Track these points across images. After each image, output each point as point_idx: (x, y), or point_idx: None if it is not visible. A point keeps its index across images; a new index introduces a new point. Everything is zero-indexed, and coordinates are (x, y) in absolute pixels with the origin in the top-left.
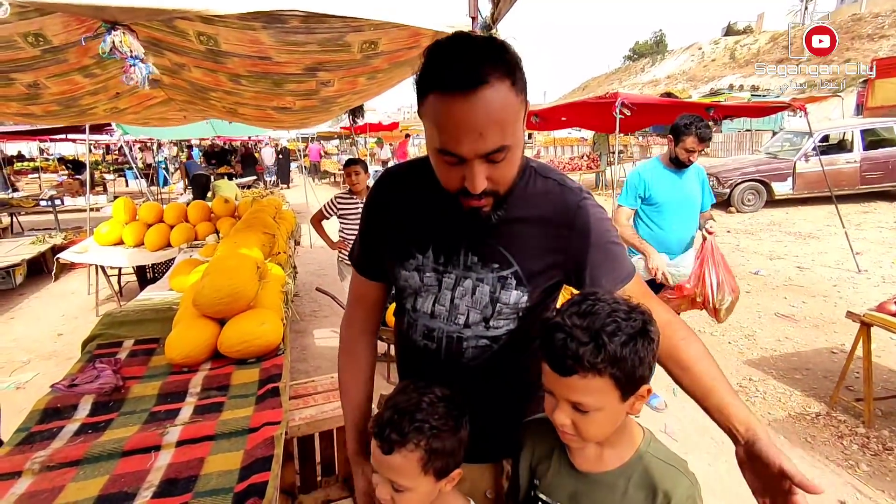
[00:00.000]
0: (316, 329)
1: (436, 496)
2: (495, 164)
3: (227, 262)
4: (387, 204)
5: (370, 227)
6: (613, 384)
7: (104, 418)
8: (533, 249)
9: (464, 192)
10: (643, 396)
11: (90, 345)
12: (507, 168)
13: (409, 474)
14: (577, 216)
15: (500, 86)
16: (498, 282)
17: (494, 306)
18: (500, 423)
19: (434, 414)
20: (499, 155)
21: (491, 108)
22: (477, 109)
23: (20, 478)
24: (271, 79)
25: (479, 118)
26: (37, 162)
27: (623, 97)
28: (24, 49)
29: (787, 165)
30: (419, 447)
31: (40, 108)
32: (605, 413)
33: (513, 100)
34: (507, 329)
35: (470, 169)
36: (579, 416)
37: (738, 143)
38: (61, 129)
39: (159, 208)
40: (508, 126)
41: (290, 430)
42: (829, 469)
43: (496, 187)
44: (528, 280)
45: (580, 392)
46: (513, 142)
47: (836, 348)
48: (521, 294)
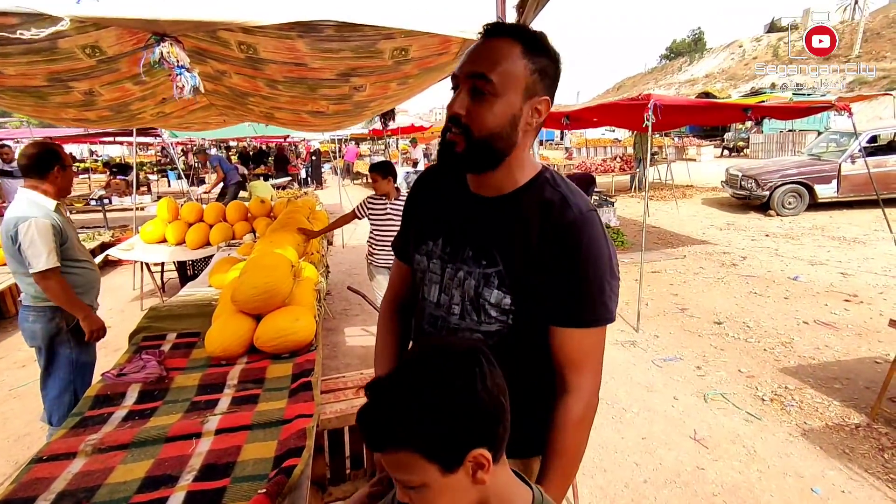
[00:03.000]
0: (347, 327)
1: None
2: (477, 98)
3: (264, 260)
4: (419, 194)
5: (406, 214)
6: (422, 457)
7: (150, 406)
8: (520, 254)
9: (447, 123)
10: (481, 464)
11: (136, 337)
12: (486, 109)
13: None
14: (568, 235)
15: (511, 44)
16: (482, 278)
17: (478, 301)
18: None
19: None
20: (482, 84)
21: (493, 49)
22: (485, 46)
23: (75, 458)
24: (306, 84)
25: (483, 50)
26: (87, 163)
27: (656, 99)
28: (81, 60)
29: (832, 167)
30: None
31: (94, 113)
32: (436, 491)
33: (517, 60)
34: (499, 328)
35: (458, 91)
36: (414, 493)
37: (779, 145)
38: (109, 132)
39: (200, 208)
40: (502, 72)
41: (321, 422)
42: (867, 482)
43: (469, 122)
44: (510, 282)
45: (397, 468)
46: (499, 86)
47: (879, 358)
48: (503, 295)
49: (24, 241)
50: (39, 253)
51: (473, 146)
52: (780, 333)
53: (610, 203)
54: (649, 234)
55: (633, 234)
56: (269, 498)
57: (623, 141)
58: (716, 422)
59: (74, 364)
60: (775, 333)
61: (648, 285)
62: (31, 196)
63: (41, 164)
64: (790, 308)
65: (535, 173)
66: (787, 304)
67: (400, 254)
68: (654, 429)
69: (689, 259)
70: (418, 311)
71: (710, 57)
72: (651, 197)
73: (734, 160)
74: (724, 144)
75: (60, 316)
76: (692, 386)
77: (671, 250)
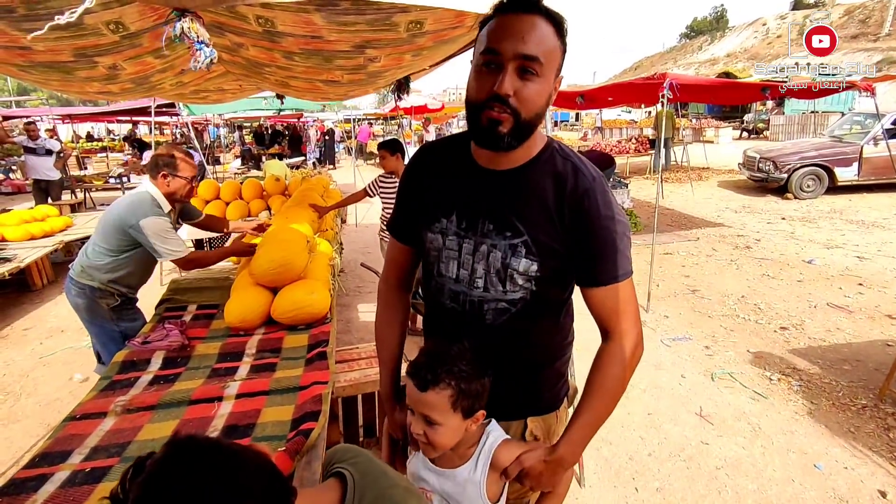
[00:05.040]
0: (360, 304)
1: (463, 434)
2: (525, 79)
3: (280, 234)
4: (420, 173)
5: (406, 193)
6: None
7: (173, 371)
8: (542, 222)
9: (489, 101)
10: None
11: (160, 308)
12: (534, 90)
13: (441, 410)
14: (583, 201)
15: (546, 23)
16: (509, 249)
17: (506, 272)
18: (522, 381)
19: (462, 360)
20: (532, 65)
21: (537, 27)
22: (526, 22)
23: (106, 417)
24: (322, 55)
25: (525, 27)
26: (104, 142)
27: (672, 77)
28: (106, 36)
29: (854, 150)
30: (450, 386)
31: (117, 86)
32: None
33: (554, 40)
34: (523, 295)
35: (504, 71)
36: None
37: (801, 126)
38: (127, 110)
39: (216, 186)
40: (545, 51)
41: (335, 390)
42: (870, 460)
43: (519, 105)
44: (537, 249)
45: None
46: (546, 66)
47: (891, 340)
48: (530, 262)
49: None
50: None
51: (520, 127)
52: (791, 315)
53: (624, 185)
54: (663, 216)
55: (647, 216)
56: (290, 455)
57: (639, 122)
58: (722, 399)
59: (123, 335)
60: (787, 315)
61: (660, 267)
62: None
63: None
64: (803, 291)
65: (543, 145)
66: (801, 286)
67: (401, 234)
68: (661, 405)
69: (703, 241)
70: (435, 288)
71: (732, 35)
72: (666, 179)
73: (753, 142)
74: (744, 126)
75: (100, 294)
76: (700, 365)
77: (685, 232)
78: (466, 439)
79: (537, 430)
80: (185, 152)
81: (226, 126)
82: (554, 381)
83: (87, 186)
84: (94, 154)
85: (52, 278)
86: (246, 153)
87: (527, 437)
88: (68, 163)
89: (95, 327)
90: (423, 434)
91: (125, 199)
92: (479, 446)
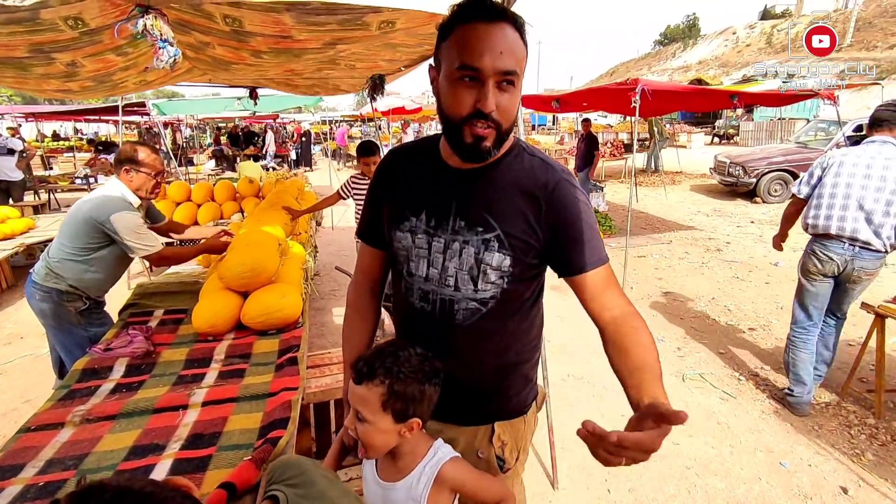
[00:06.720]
0: (335, 307)
1: (396, 440)
2: (504, 91)
3: (251, 237)
4: (389, 175)
5: (374, 196)
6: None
7: (137, 379)
8: (514, 217)
9: (471, 118)
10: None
11: (124, 313)
12: (512, 101)
13: (372, 408)
14: (555, 192)
15: (513, 29)
16: (482, 244)
17: (480, 267)
18: (491, 385)
19: (406, 363)
20: (511, 78)
21: (508, 37)
22: (498, 33)
23: (63, 428)
24: (292, 52)
25: (499, 40)
26: (72, 141)
27: (643, 83)
28: (64, 31)
29: (818, 155)
30: (383, 384)
31: (77, 84)
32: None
33: (522, 46)
34: (494, 293)
35: (486, 88)
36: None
37: (769, 132)
38: (94, 109)
39: (187, 187)
40: (518, 61)
41: (306, 396)
42: (832, 457)
43: (500, 118)
44: (509, 244)
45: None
46: (519, 77)
47: (853, 340)
48: (503, 257)
49: None
50: None
51: (502, 137)
52: (759, 317)
53: (599, 188)
54: (637, 219)
55: (621, 220)
56: (256, 465)
57: (615, 127)
58: (692, 400)
59: (91, 340)
60: (755, 316)
61: (634, 269)
62: None
63: None
64: (770, 292)
65: (511, 143)
66: (768, 288)
67: (370, 239)
68: None
69: (675, 244)
70: (405, 288)
71: (703, 43)
72: (640, 183)
73: (724, 147)
74: (715, 132)
75: (68, 298)
76: (671, 366)
77: (658, 235)
78: (407, 451)
79: (505, 435)
80: (150, 147)
81: (198, 127)
82: (522, 386)
83: (52, 187)
84: (60, 154)
85: (11, 282)
86: (218, 153)
87: (494, 442)
88: (32, 163)
89: (62, 334)
90: (354, 429)
91: (93, 195)
92: (425, 461)
